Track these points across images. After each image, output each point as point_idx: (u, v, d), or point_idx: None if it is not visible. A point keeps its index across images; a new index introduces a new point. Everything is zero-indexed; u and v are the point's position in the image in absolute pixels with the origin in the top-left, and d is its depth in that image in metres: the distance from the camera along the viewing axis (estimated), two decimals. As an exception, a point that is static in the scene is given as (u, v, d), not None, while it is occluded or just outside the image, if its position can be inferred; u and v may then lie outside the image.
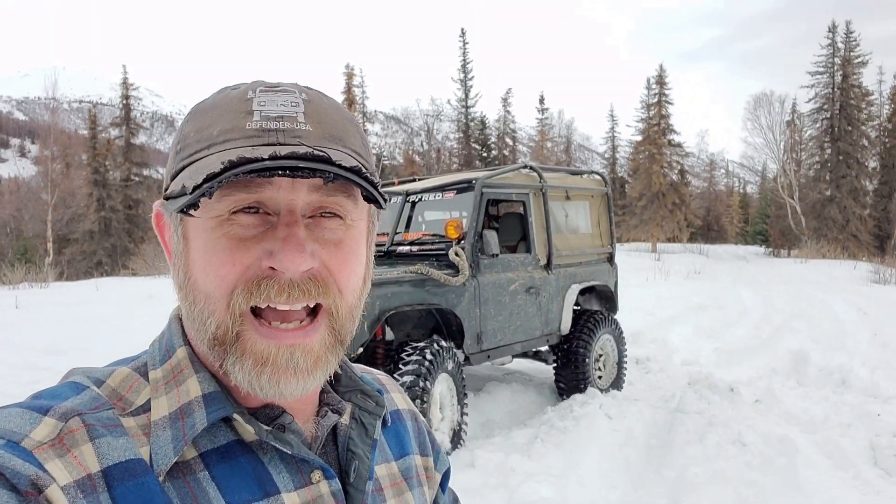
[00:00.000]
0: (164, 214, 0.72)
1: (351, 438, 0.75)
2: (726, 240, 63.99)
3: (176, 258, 0.68)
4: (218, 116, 0.66)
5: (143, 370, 0.70)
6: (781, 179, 46.04)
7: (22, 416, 0.60)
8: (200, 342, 0.67)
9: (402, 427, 0.89)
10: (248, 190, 0.63)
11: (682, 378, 7.29)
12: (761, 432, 5.13)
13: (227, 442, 0.66)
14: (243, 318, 0.64)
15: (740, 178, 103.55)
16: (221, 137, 0.64)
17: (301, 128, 0.64)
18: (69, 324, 10.95)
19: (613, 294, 7.40)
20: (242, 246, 0.63)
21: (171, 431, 0.64)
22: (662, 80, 46.63)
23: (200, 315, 0.65)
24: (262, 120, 0.64)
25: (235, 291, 0.63)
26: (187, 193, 0.59)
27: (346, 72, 46.41)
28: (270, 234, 0.64)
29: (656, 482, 4.50)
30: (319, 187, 0.65)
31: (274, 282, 0.63)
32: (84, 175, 41.40)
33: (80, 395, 0.64)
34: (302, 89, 0.68)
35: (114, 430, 0.62)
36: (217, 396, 0.66)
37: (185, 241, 0.67)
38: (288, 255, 0.62)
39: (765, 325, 11.78)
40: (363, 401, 0.79)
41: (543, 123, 53.62)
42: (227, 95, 0.68)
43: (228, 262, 0.63)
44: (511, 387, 6.76)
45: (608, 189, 7.51)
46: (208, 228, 0.64)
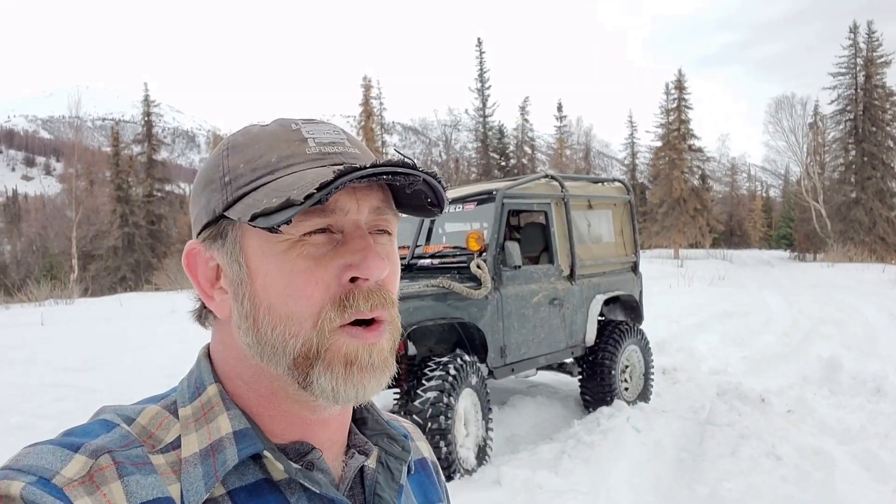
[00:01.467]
0: (200, 252, 0.72)
1: (378, 483, 0.74)
2: (750, 245, 63.40)
3: (237, 288, 0.68)
4: (268, 147, 0.69)
5: (172, 408, 0.70)
6: (805, 182, 45.54)
7: (53, 454, 0.60)
8: (276, 365, 0.67)
9: (426, 476, 0.89)
10: (322, 214, 0.65)
11: (710, 388, 7.16)
12: (796, 444, 5.00)
13: (255, 480, 0.66)
14: (333, 332, 0.65)
15: (763, 181, 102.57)
16: (284, 163, 0.67)
17: (351, 151, 0.70)
18: (94, 340, 11.03)
19: (638, 304, 7.29)
20: (321, 264, 0.65)
21: (201, 468, 0.64)
22: (681, 85, 46.37)
23: (282, 337, 0.66)
24: (319, 145, 0.69)
25: (324, 310, 0.65)
26: (296, 204, 0.60)
27: (363, 84, 46.66)
28: (342, 249, 0.66)
29: (689, 498, 4.38)
30: (376, 208, 0.69)
31: (359, 292, 0.66)
32: (107, 192, 42.04)
33: (110, 432, 0.65)
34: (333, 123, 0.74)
35: (143, 467, 0.63)
36: (248, 433, 0.67)
37: (247, 269, 0.68)
38: (373, 262, 0.65)
39: (793, 331, 11.57)
40: (389, 445, 0.79)
41: (562, 131, 53.46)
42: (265, 130, 0.71)
43: (312, 280, 0.65)
44: (536, 400, 6.67)
45: (631, 197, 7.41)
46: (281, 252, 0.66)
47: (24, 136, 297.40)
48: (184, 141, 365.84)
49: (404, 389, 4.84)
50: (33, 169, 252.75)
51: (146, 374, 8.29)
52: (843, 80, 43.35)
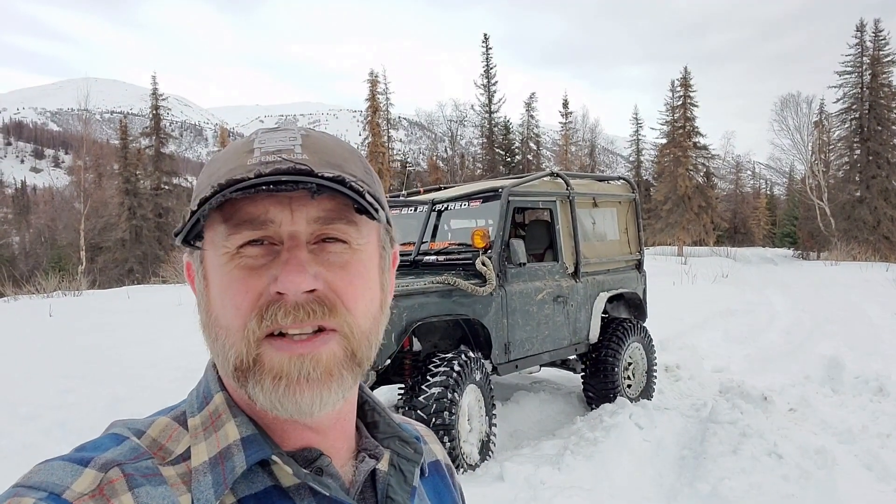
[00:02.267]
0: (192, 263, 0.74)
1: (390, 486, 0.74)
2: (753, 242, 63.17)
3: (199, 298, 0.71)
4: (225, 161, 0.69)
5: (181, 419, 0.71)
6: (810, 181, 45.33)
7: (64, 469, 0.61)
8: (224, 375, 0.69)
9: (440, 479, 0.89)
10: (253, 227, 0.65)
11: (712, 386, 7.19)
12: (797, 443, 5.02)
13: (264, 488, 0.67)
14: (259, 343, 0.65)
15: (767, 179, 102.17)
16: (226, 175, 0.65)
17: (297, 157, 0.66)
18: (102, 332, 11.10)
19: (642, 302, 7.32)
20: (252, 274, 0.65)
21: (211, 476, 0.64)
22: (686, 83, 46.19)
23: (222, 349, 0.67)
24: (262, 154, 0.66)
25: (248, 319, 0.65)
26: (182, 220, 0.64)
27: (369, 79, 46.59)
28: (276, 261, 0.65)
29: (690, 496, 4.42)
30: (318, 218, 0.66)
31: (280, 304, 0.64)
32: (115, 184, 42.10)
33: (119, 445, 0.66)
34: (304, 129, 0.71)
35: (153, 479, 0.63)
36: (255, 439, 0.67)
37: (205, 281, 0.69)
38: (289, 276, 0.64)
39: (796, 329, 11.58)
40: (402, 447, 0.78)
41: (567, 127, 53.30)
42: (235, 143, 0.72)
43: (241, 290, 0.65)
44: (539, 396, 6.71)
45: (636, 195, 7.44)
46: (221, 264, 0.66)
47: (34, 129, 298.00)
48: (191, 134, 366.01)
49: (409, 385, 4.89)
50: (42, 161, 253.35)
51: (153, 366, 8.36)
52: (849, 79, 43.10)
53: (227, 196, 0.61)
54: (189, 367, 8.12)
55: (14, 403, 6.61)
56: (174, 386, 7.39)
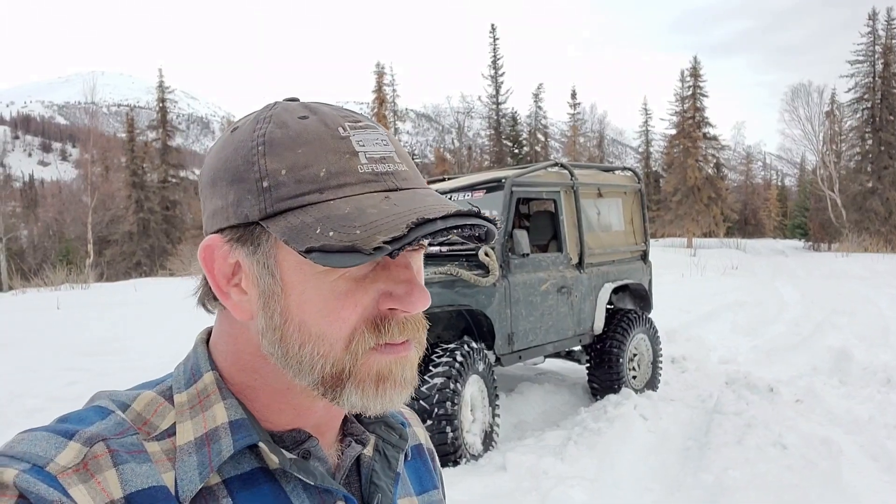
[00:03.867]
0: (219, 247, 0.67)
1: (374, 471, 0.75)
2: (764, 234, 62.92)
3: (268, 299, 0.65)
4: (315, 156, 0.63)
5: (167, 394, 0.70)
6: (821, 171, 45.10)
7: (48, 441, 0.60)
8: (301, 379, 0.66)
9: (422, 462, 0.90)
10: None
11: (719, 377, 7.16)
12: (803, 434, 5.00)
13: (250, 469, 0.66)
14: (366, 354, 0.65)
15: (778, 170, 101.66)
16: (333, 181, 0.63)
17: (399, 168, 0.67)
18: (109, 324, 11.17)
19: (647, 292, 7.28)
20: (360, 287, 0.64)
21: (196, 457, 0.64)
22: (696, 73, 45.94)
23: (310, 356, 0.65)
24: (371, 162, 0.65)
25: (357, 331, 0.64)
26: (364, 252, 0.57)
27: (376, 70, 46.56)
28: (383, 275, 0.65)
29: (693, 486, 4.40)
30: None
31: (395, 321, 0.65)
32: (122, 177, 42.33)
33: (105, 419, 0.65)
34: (375, 123, 0.70)
35: (137, 455, 0.63)
36: (244, 423, 0.66)
37: (281, 282, 0.65)
38: (418, 298, 0.64)
39: (805, 321, 11.51)
40: (387, 433, 0.79)
41: (575, 118, 53.12)
42: (311, 129, 0.65)
43: (350, 304, 0.64)
44: (543, 387, 6.70)
45: (641, 185, 7.40)
46: (319, 272, 0.63)
47: (41, 122, 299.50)
48: (198, 127, 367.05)
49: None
50: (49, 154, 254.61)
51: (160, 357, 8.39)
52: (861, 68, 42.77)
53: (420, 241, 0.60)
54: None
55: (21, 395, 6.65)
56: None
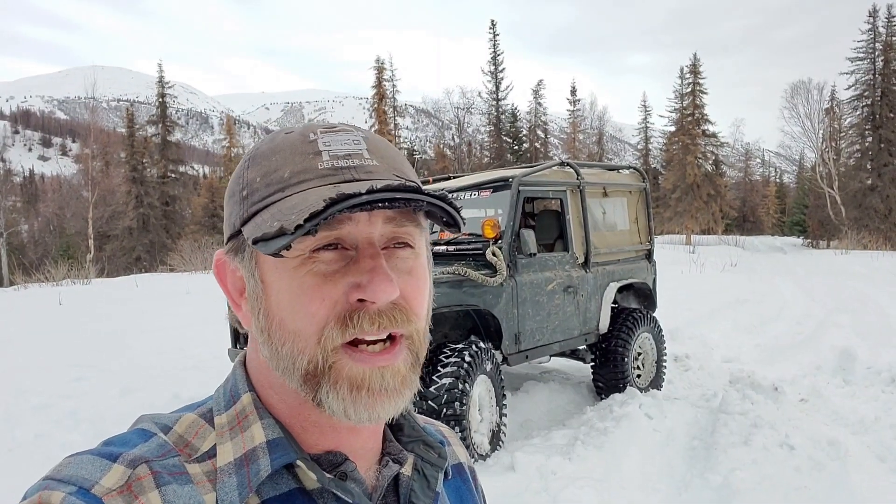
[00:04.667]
0: (227, 262, 0.73)
1: (413, 490, 0.74)
2: (763, 231, 63.03)
3: (253, 301, 0.69)
4: (284, 160, 0.67)
5: (208, 416, 0.71)
6: (820, 169, 45.13)
7: (93, 464, 0.61)
8: (290, 380, 0.67)
9: (463, 482, 0.89)
10: (329, 227, 0.64)
11: (723, 376, 7.17)
12: (809, 434, 5.00)
13: (288, 490, 0.67)
14: (336, 351, 0.65)
15: (777, 167, 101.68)
16: (295, 179, 0.65)
17: (369, 164, 0.67)
18: (112, 320, 11.17)
19: (652, 291, 7.29)
20: (329, 281, 0.64)
21: (236, 478, 0.65)
22: (696, 70, 45.95)
23: (290, 353, 0.66)
24: (332, 159, 0.66)
25: (327, 327, 0.64)
26: (288, 233, 0.59)
27: (376, 66, 46.49)
28: (353, 268, 0.65)
29: (701, 486, 4.41)
30: (392, 219, 0.66)
31: (364, 313, 0.64)
32: (123, 172, 42.28)
33: (147, 441, 0.66)
34: (358, 129, 0.71)
35: (179, 477, 0.63)
36: (281, 443, 0.67)
37: (262, 284, 0.68)
38: (380, 286, 0.63)
39: (807, 319, 11.53)
40: (426, 452, 0.78)
41: (575, 115, 53.09)
42: (287, 139, 0.70)
43: (318, 298, 0.64)
44: (549, 386, 6.71)
45: (646, 184, 7.39)
46: (291, 268, 0.65)
47: (41, 117, 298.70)
48: (197, 122, 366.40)
49: (420, 375, 4.88)
50: (50, 149, 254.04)
51: (163, 354, 8.40)
52: (861, 65, 42.81)
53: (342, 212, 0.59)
54: (200, 357, 8.16)
55: (26, 392, 6.66)
56: (185, 374, 7.42)
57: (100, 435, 5.42)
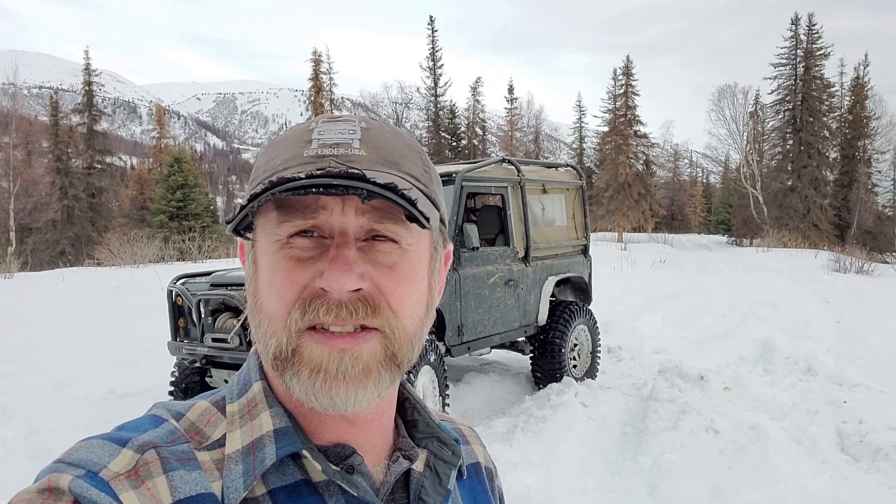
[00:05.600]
0: (245, 245, 0.74)
1: (423, 487, 0.73)
2: (690, 229, 64.99)
3: (248, 284, 0.71)
4: (283, 148, 0.68)
5: (221, 404, 0.71)
6: (744, 169, 46.73)
7: (102, 448, 0.62)
8: (266, 363, 0.69)
9: (479, 482, 0.87)
10: (304, 216, 0.65)
11: (653, 366, 7.47)
12: (732, 419, 5.30)
13: (294, 481, 0.67)
14: (300, 334, 0.65)
15: (704, 168, 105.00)
16: (283, 166, 0.65)
17: (354, 153, 0.65)
18: (40, 315, 10.78)
19: (588, 285, 7.54)
20: (300, 266, 0.65)
21: (242, 466, 0.65)
22: (629, 72, 47.08)
23: (264, 336, 0.67)
24: (319, 147, 0.66)
25: (293, 310, 0.64)
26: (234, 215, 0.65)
27: (312, 58, 45.87)
28: (324, 256, 0.65)
29: (633, 469, 4.64)
30: (367, 211, 0.65)
31: (323, 301, 0.64)
32: (46, 163, 40.45)
33: (158, 427, 0.67)
34: (365, 119, 0.71)
35: (187, 463, 0.64)
36: (288, 432, 0.67)
37: (254, 267, 0.70)
38: (334, 275, 0.63)
39: (731, 313, 12.06)
40: (439, 449, 0.77)
41: (513, 113, 53.68)
42: (295, 128, 0.71)
43: (287, 281, 0.65)
44: (489, 377, 6.87)
45: (582, 182, 7.64)
46: (272, 252, 0.66)
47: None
48: (125, 112, 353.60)
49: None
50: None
51: (94, 349, 8.19)
52: (784, 71, 44.66)
53: (275, 195, 0.61)
54: (132, 351, 7.99)
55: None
56: (118, 369, 7.27)
57: (34, 431, 5.29)
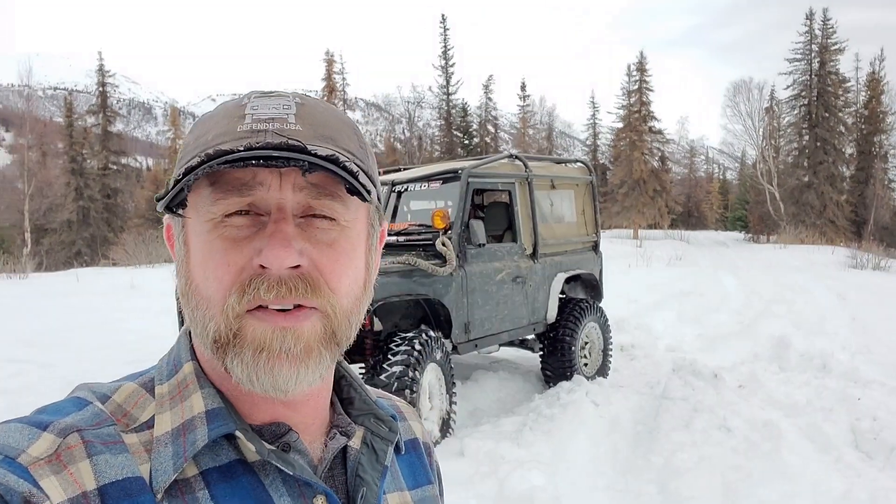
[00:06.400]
0: (172, 226, 0.72)
1: (360, 464, 0.73)
2: (706, 226, 64.51)
3: (179, 265, 0.69)
4: (214, 123, 0.67)
5: (150, 385, 0.70)
6: (760, 166, 46.38)
7: (21, 432, 0.60)
8: (203, 347, 0.67)
9: (417, 457, 0.88)
10: (240, 193, 0.64)
11: (666, 364, 7.37)
12: (746, 417, 5.21)
13: (228, 461, 0.66)
14: (239, 318, 0.63)
15: (720, 164, 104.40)
16: (215, 141, 0.64)
17: (290, 128, 0.64)
18: (53, 315, 10.83)
19: (598, 282, 7.46)
20: (236, 246, 0.64)
21: (172, 448, 0.63)
22: (643, 67, 46.76)
23: (202, 319, 0.65)
24: (253, 122, 0.64)
25: (229, 293, 0.63)
26: (168, 190, 0.62)
27: (326, 59, 46.00)
28: (261, 234, 0.64)
29: (643, 468, 4.56)
30: (304, 187, 0.65)
31: (263, 279, 0.63)
32: (61, 164, 40.86)
33: (81, 410, 0.64)
34: (298, 95, 0.69)
35: (113, 446, 0.62)
36: (220, 413, 0.66)
37: (186, 247, 0.68)
38: (273, 250, 0.62)
39: (746, 310, 11.94)
40: (376, 426, 0.77)
41: (525, 110, 53.53)
42: (225, 105, 0.70)
43: (223, 263, 0.64)
44: (498, 375, 6.80)
45: (593, 177, 7.55)
46: (205, 231, 0.65)
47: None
48: (140, 113, 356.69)
49: (370, 364, 4.91)
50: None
51: (107, 348, 8.21)
52: (799, 66, 44.17)
53: (213, 168, 0.60)
54: (146, 350, 8.00)
55: (-39, 387, 6.43)
56: (131, 368, 7.23)
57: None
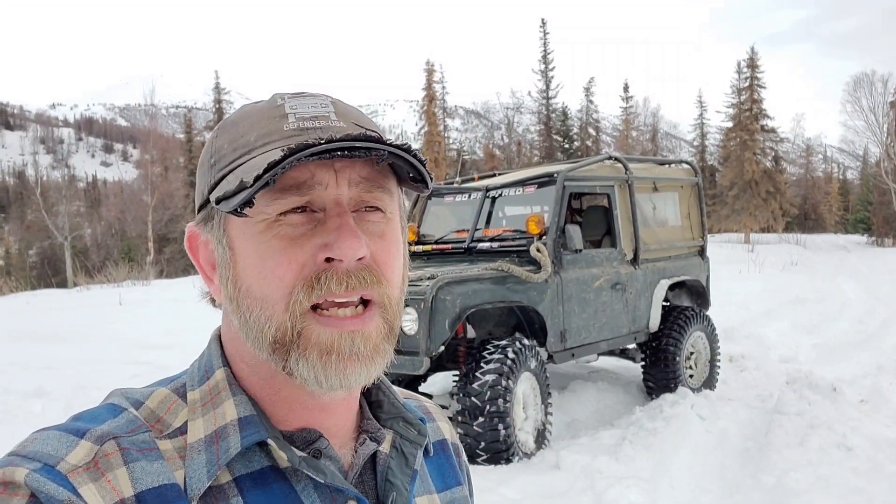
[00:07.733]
0: (199, 235, 0.73)
1: (390, 468, 0.73)
2: (825, 229, 61.01)
3: (222, 269, 0.69)
4: (251, 126, 0.68)
5: (181, 391, 0.70)
6: (885, 164, 43.55)
7: (59, 440, 0.61)
8: (258, 349, 0.66)
9: (446, 458, 0.87)
10: (299, 192, 0.64)
11: (779, 376, 6.97)
12: (868, 435, 4.84)
13: (261, 468, 0.66)
14: (304, 316, 0.64)
15: (839, 163, 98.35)
16: (260, 141, 0.65)
17: (336, 124, 0.66)
18: (169, 319, 11.49)
19: (705, 289, 7.14)
20: (296, 244, 0.64)
21: (205, 455, 0.64)
22: (754, 64, 44.73)
23: (258, 322, 0.65)
24: (298, 120, 0.66)
25: (294, 291, 0.63)
26: (247, 187, 0.59)
27: (426, 68, 46.68)
28: (321, 229, 0.64)
29: (753, 488, 4.29)
30: (358, 183, 0.66)
31: (332, 273, 0.63)
32: (181, 177, 43.46)
33: (116, 417, 0.65)
34: (326, 94, 0.72)
35: (149, 453, 0.63)
36: (252, 420, 0.66)
37: (230, 251, 0.67)
38: (346, 242, 0.63)
39: (869, 318, 11.17)
40: (405, 429, 0.77)
41: (628, 112, 52.35)
42: (255, 107, 0.71)
43: (284, 262, 0.63)
44: (597, 386, 6.62)
45: (698, 178, 7.24)
46: (257, 232, 0.64)
47: (103, 124, 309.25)
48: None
49: (463, 372, 4.88)
50: (111, 155, 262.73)
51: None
52: (931, 55, 41.07)
53: (301, 161, 0.59)
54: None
55: (86, 387, 6.89)
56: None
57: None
